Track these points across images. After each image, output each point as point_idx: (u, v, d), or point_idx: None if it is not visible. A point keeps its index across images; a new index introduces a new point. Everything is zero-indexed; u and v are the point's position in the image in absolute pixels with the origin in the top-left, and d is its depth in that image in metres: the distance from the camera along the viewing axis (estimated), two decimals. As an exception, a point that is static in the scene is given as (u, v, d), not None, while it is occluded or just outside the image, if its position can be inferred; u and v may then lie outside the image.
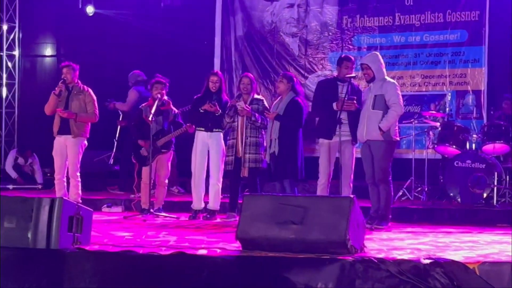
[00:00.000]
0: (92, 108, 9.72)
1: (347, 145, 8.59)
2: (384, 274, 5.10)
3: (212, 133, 9.34)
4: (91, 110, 9.71)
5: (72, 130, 9.55)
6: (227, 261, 5.41)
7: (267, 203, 5.78)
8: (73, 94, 9.67)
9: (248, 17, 13.54)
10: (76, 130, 9.56)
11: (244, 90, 9.21)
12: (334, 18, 12.92)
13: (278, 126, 8.84)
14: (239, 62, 13.57)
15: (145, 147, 9.59)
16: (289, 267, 5.23)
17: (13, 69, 15.12)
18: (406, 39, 12.45)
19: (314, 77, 12.84)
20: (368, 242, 6.17)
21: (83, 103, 9.67)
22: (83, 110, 9.65)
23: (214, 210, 9.38)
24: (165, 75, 10.15)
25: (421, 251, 6.06)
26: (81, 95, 9.68)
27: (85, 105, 9.69)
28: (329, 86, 8.79)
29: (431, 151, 10.98)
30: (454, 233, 7.88)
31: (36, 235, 5.60)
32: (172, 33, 13.88)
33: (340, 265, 5.17)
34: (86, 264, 5.53)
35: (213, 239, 6.91)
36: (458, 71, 12.06)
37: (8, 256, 5.61)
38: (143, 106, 9.80)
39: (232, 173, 9.21)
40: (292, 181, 8.88)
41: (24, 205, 5.69)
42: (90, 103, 9.72)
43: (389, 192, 8.33)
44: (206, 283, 5.31)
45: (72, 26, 14.98)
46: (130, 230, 7.86)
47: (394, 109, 8.20)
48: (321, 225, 5.51)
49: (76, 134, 9.55)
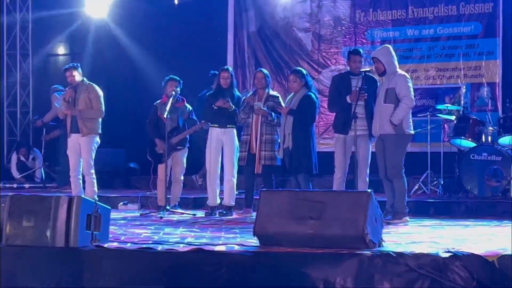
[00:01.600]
0: (97, 104, 9.77)
1: (363, 140, 8.55)
2: (403, 269, 5.07)
3: (226, 129, 9.34)
4: (96, 106, 9.76)
5: (81, 129, 9.62)
6: (246, 257, 5.40)
7: (284, 199, 5.77)
8: (79, 92, 9.75)
9: (261, 12, 13.53)
10: (85, 129, 9.62)
11: (258, 85, 9.22)
12: (347, 12, 12.89)
13: (291, 121, 8.83)
14: (252, 58, 13.56)
15: (160, 145, 9.60)
16: (308, 262, 5.22)
17: (27, 68, 15.18)
18: (419, 32, 12.41)
19: (328, 71, 12.83)
20: (386, 237, 6.14)
21: (88, 100, 9.72)
22: (89, 106, 9.70)
23: (230, 206, 9.38)
24: (179, 72, 10.17)
25: (440, 244, 6.03)
26: (86, 92, 9.74)
27: (90, 102, 9.73)
28: (342, 81, 8.76)
29: (447, 144, 10.94)
30: (471, 226, 7.85)
31: (55, 234, 5.62)
32: (185, 30, 13.89)
33: (358, 260, 5.15)
34: (105, 262, 5.54)
35: (231, 235, 6.91)
36: (473, 64, 12.01)
37: (28, 255, 5.63)
38: (158, 104, 9.81)
39: (247, 170, 9.21)
40: (307, 176, 8.87)
41: (42, 204, 5.71)
42: (95, 99, 9.77)
43: (403, 186, 8.29)
44: (225, 279, 5.31)
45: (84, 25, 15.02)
46: (147, 227, 7.86)
47: (405, 102, 8.16)
48: (339, 220, 5.49)
49: (85, 132, 9.61)
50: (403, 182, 8.28)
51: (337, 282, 5.11)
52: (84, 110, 9.64)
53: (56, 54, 15.65)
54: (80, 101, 9.69)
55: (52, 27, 15.48)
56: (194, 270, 5.39)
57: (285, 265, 5.27)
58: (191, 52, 13.67)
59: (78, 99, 9.70)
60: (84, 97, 9.70)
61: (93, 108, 9.72)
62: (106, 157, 12.72)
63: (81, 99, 9.69)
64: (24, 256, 5.65)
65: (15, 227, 5.71)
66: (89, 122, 9.67)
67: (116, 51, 14.66)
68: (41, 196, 5.96)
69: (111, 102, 9.86)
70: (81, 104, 9.68)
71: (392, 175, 8.23)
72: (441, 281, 4.98)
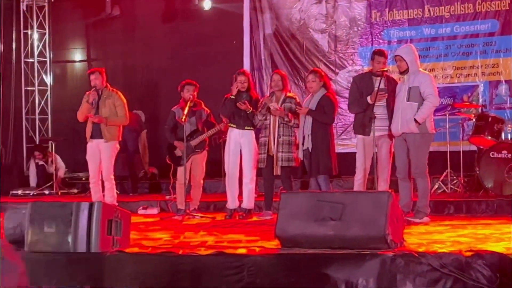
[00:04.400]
0: (122, 111, 9.73)
1: (385, 140, 8.50)
2: (425, 268, 5.06)
3: (244, 131, 9.34)
4: (122, 113, 9.73)
5: (104, 134, 9.58)
6: (267, 259, 5.40)
7: (304, 201, 5.76)
8: (103, 98, 9.69)
9: (276, 14, 13.53)
10: (108, 135, 9.59)
11: (275, 87, 9.20)
12: (362, 12, 12.87)
13: (310, 122, 8.81)
14: (268, 60, 13.56)
15: (180, 146, 9.62)
16: (329, 263, 5.22)
17: (44, 75, 15.26)
18: (436, 31, 12.36)
19: (345, 72, 12.82)
20: (407, 236, 6.13)
21: (113, 106, 9.69)
22: (113, 113, 9.66)
23: (250, 209, 9.38)
24: (195, 75, 10.21)
25: (462, 243, 6.00)
26: (110, 99, 9.71)
27: (115, 108, 9.72)
28: (364, 81, 8.72)
29: (466, 142, 10.88)
30: (493, 225, 7.80)
31: (76, 239, 5.65)
32: (201, 33, 13.92)
33: (380, 260, 5.14)
34: (126, 267, 5.57)
35: (251, 238, 6.91)
36: (490, 61, 11.95)
37: (50, 261, 5.66)
38: (176, 108, 9.83)
39: (266, 172, 9.20)
40: (327, 177, 8.85)
41: (64, 210, 5.74)
42: (120, 106, 9.73)
43: (426, 186, 8.24)
44: (246, 282, 5.31)
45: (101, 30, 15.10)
46: (167, 231, 7.88)
47: (430, 101, 8.10)
48: (360, 221, 5.48)
49: (108, 138, 9.58)
50: (427, 181, 8.22)
51: (359, 283, 5.10)
52: (110, 117, 9.61)
53: (74, 60, 15.72)
54: (104, 108, 9.65)
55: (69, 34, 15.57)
56: (215, 273, 5.40)
57: (306, 267, 5.27)
58: (207, 55, 13.70)
59: (102, 104, 9.67)
60: (109, 103, 9.68)
61: (117, 115, 9.70)
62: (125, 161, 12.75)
63: (106, 106, 9.67)
64: (46, 261, 5.67)
65: (37, 233, 5.74)
66: (113, 129, 9.66)
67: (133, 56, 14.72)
68: (61, 202, 5.99)
69: (128, 107, 9.85)
70: (105, 111, 9.64)
71: (417, 175, 8.18)
72: (464, 280, 4.96)
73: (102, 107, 9.65)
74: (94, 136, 9.66)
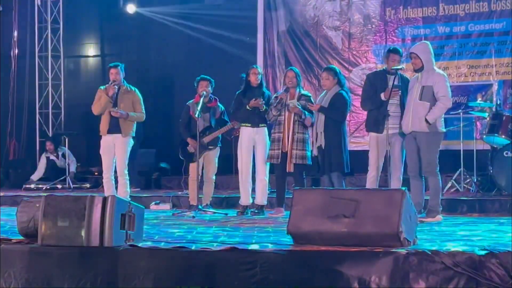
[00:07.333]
0: (139, 108, 9.76)
1: (398, 138, 8.49)
2: (438, 267, 5.04)
3: (259, 129, 9.35)
4: (139, 109, 9.75)
5: (123, 129, 9.59)
6: (280, 255, 5.39)
7: (318, 197, 5.75)
8: (121, 93, 9.70)
9: (290, 11, 13.52)
10: (126, 129, 9.61)
11: (289, 84, 9.18)
12: (377, 10, 12.83)
13: (323, 119, 8.81)
14: (282, 57, 13.55)
15: (193, 144, 9.62)
16: (342, 260, 5.20)
17: (58, 70, 15.29)
18: (450, 29, 12.32)
19: (358, 70, 12.80)
20: (420, 235, 6.11)
21: (131, 102, 9.72)
22: (131, 109, 9.68)
23: (262, 205, 9.38)
24: (209, 72, 10.19)
25: (475, 242, 5.98)
26: (129, 95, 9.73)
27: (133, 104, 9.73)
28: (378, 79, 8.70)
29: (480, 141, 10.85)
30: (506, 224, 7.77)
31: (89, 233, 5.64)
32: (214, 30, 13.92)
33: (393, 258, 5.12)
34: (139, 261, 5.56)
35: (264, 234, 6.90)
36: (505, 60, 11.90)
37: (63, 255, 5.67)
38: (191, 103, 9.84)
39: (278, 168, 9.19)
40: (340, 175, 8.85)
41: (77, 204, 5.73)
42: (138, 102, 9.76)
43: (437, 184, 8.23)
44: (259, 278, 5.30)
45: (114, 26, 15.12)
46: (180, 227, 7.88)
47: (443, 102, 8.07)
48: (373, 218, 5.46)
49: (126, 133, 9.60)
50: (438, 179, 8.20)
51: (372, 280, 5.08)
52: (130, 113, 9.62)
53: (87, 55, 15.76)
54: (123, 103, 9.65)
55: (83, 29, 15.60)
56: (228, 269, 5.39)
57: (319, 264, 5.26)
58: (221, 52, 13.69)
59: (120, 99, 9.68)
60: (127, 99, 9.69)
61: (135, 110, 9.71)
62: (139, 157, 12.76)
63: (124, 101, 9.67)
64: (59, 255, 5.68)
65: (50, 227, 5.74)
66: (130, 124, 9.68)
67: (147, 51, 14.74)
68: (75, 196, 5.99)
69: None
70: (124, 106, 9.63)
71: (428, 173, 8.16)
72: (477, 279, 4.94)
73: (121, 102, 9.66)
74: (111, 131, 9.65)
